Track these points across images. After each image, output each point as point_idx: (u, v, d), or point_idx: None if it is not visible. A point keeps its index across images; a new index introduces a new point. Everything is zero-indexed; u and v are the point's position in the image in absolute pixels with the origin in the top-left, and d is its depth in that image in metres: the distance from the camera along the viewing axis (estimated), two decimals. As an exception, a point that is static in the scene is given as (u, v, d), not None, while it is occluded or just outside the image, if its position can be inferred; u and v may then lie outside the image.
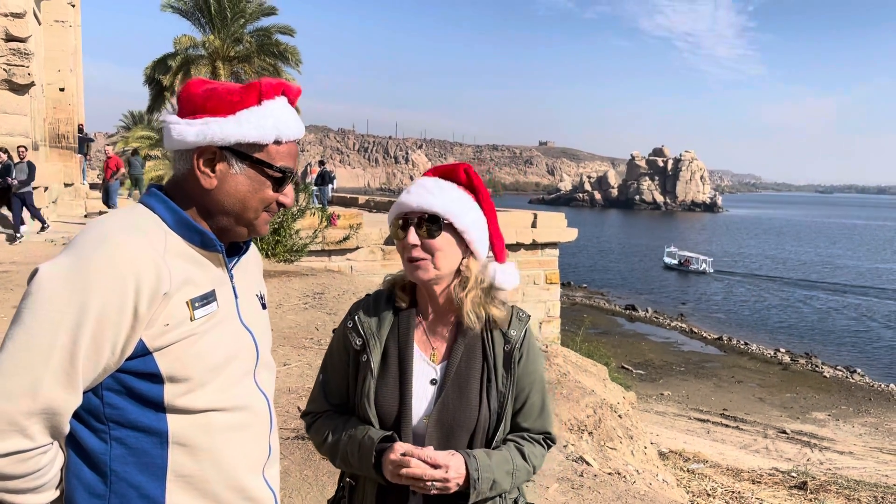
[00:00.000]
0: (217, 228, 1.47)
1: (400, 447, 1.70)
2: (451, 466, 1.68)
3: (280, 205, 1.51)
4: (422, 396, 1.79)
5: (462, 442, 1.77)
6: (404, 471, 1.66)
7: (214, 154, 1.43)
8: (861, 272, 62.85)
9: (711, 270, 59.33)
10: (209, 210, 1.46)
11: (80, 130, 22.91)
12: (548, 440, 1.92)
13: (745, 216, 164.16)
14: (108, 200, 19.10)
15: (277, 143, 1.46)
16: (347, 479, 1.89)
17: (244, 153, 1.44)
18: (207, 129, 1.41)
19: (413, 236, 1.76)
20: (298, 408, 5.15)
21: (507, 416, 1.83)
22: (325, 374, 1.90)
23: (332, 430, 1.83)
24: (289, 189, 1.52)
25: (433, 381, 1.80)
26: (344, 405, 1.88)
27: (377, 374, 1.79)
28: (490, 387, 1.79)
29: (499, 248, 1.88)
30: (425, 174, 1.90)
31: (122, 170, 19.51)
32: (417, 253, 1.76)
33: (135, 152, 24.75)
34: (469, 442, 1.78)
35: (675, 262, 62.26)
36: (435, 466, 1.67)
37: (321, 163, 28.28)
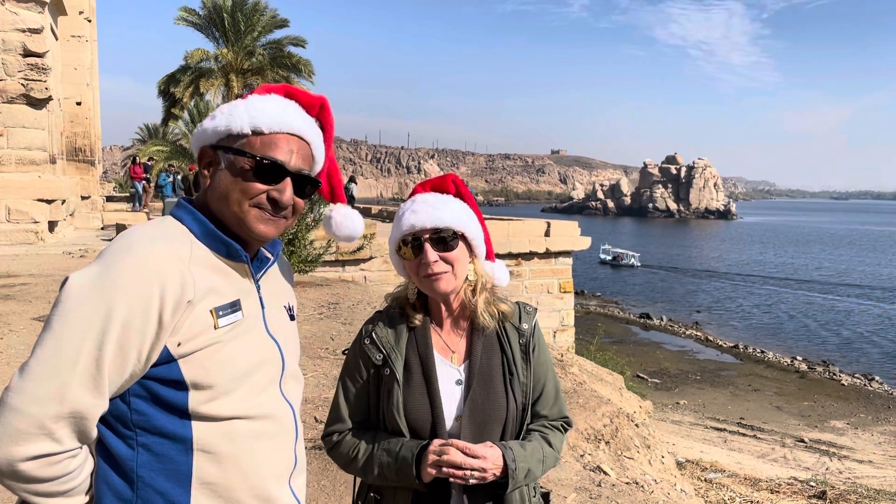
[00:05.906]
0: (230, 235, 1.47)
1: (438, 441, 1.76)
2: (488, 457, 1.73)
3: (273, 202, 1.46)
4: (450, 398, 1.83)
5: (495, 436, 1.82)
6: (445, 457, 1.71)
7: (212, 157, 1.48)
8: (881, 277, 62.21)
9: (638, 264, 66.90)
10: (212, 212, 1.48)
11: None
12: (565, 425, 1.99)
13: (759, 223, 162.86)
14: None
15: (257, 133, 1.45)
16: (371, 494, 1.89)
17: (225, 146, 1.47)
18: (197, 132, 1.50)
19: (432, 253, 1.80)
20: (315, 417, 5.16)
21: (530, 406, 1.90)
22: (346, 393, 1.91)
23: (362, 446, 1.85)
24: (284, 184, 1.47)
25: (458, 382, 1.85)
26: (366, 422, 1.91)
27: (403, 384, 1.82)
28: (513, 379, 1.86)
29: (489, 248, 1.97)
30: (416, 190, 1.94)
31: None
32: (439, 267, 1.80)
33: (183, 176, 25.14)
34: (501, 435, 1.84)
35: (609, 257, 68.99)
36: (473, 457, 1.72)
37: (351, 178, 28.32)
